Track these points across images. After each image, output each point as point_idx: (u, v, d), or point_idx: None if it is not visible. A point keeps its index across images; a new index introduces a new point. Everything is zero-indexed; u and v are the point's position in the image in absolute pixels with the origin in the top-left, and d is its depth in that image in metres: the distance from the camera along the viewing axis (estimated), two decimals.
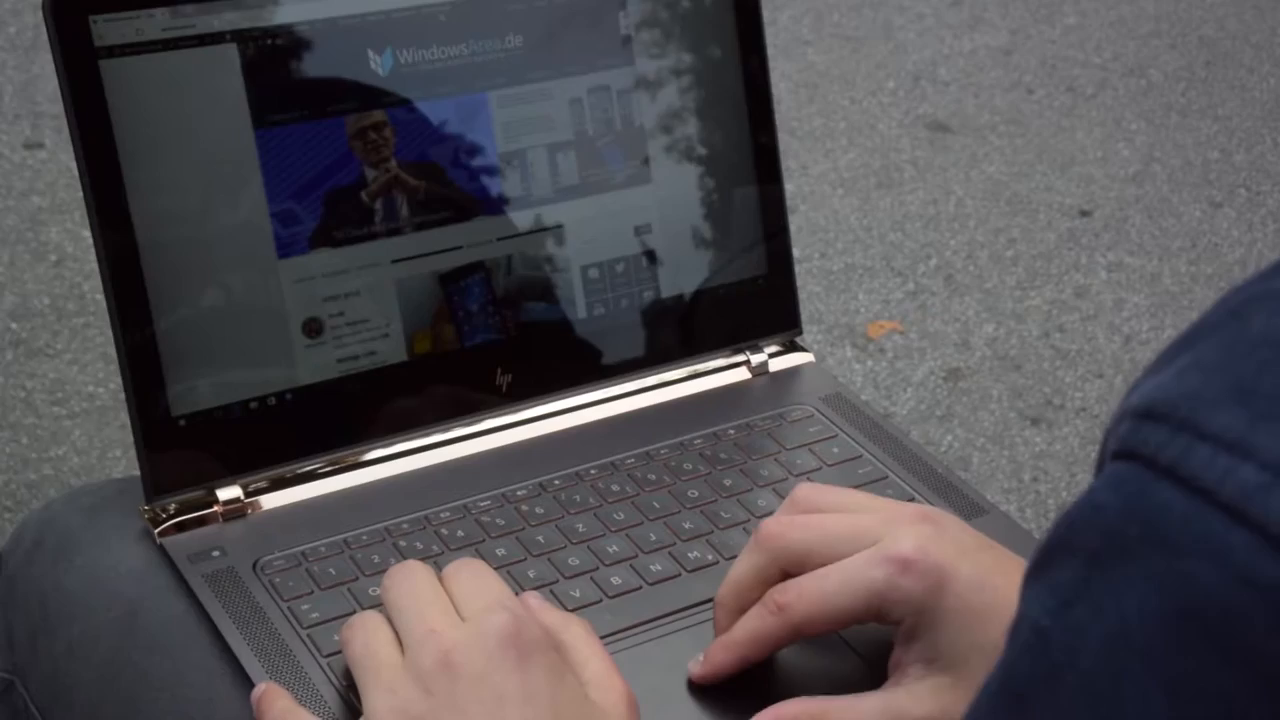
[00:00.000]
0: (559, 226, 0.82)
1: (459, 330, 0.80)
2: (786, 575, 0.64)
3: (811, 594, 0.62)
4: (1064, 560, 0.34)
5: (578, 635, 0.61)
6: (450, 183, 0.79)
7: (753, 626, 0.63)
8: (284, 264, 0.75)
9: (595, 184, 0.83)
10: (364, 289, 0.77)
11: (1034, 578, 0.35)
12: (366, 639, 0.59)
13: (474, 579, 0.61)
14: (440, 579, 0.62)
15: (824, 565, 0.62)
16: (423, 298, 0.79)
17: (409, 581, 0.61)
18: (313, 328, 0.76)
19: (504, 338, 0.81)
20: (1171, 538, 0.31)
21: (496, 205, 0.80)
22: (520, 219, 0.81)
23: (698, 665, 0.65)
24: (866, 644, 0.67)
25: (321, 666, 0.65)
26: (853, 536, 0.62)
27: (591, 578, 0.72)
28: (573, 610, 0.69)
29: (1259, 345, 0.32)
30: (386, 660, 0.58)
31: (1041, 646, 0.34)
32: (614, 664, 0.60)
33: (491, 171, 0.80)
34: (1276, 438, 0.31)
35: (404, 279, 0.78)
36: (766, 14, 0.87)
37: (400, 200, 0.78)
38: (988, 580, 0.60)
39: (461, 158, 0.79)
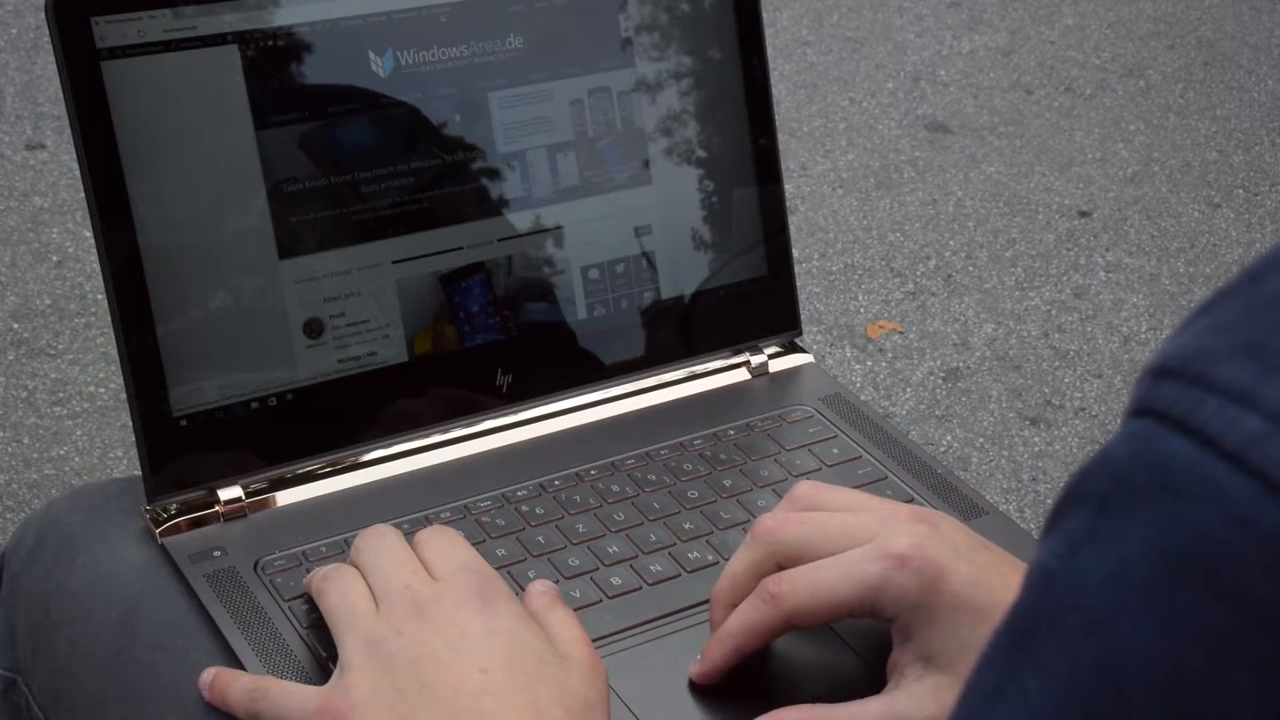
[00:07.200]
0: (559, 227, 0.82)
1: (459, 331, 0.80)
2: (781, 570, 0.64)
3: (805, 585, 0.62)
4: (1074, 509, 0.35)
5: (558, 617, 0.63)
6: (451, 183, 0.79)
7: (745, 616, 0.64)
8: (285, 264, 0.76)
9: (595, 185, 0.83)
10: (365, 290, 0.77)
11: (1048, 529, 0.36)
12: (343, 590, 0.62)
13: (446, 545, 0.64)
14: (412, 544, 0.65)
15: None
16: (423, 298, 0.79)
17: (383, 543, 0.64)
18: (314, 328, 0.77)
19: (504, 338, 0.81)
20: (1176, 484, 0.32)
21: (497, 206, 0.81)
22: (521, 220, 0.81)
23: (697, 665, 0.66)
24: (866, 644, 0.67)
25: (323, 665, 0.66)
26: (849, 534, 0.63)
27: (591, 578, 0.72)
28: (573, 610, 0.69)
29: (1273, 304, 0.33)
30: (363, 610, 0.61)
31: (1047, 587, 0.35)
32: (589, 640, 0.62)
33: (492, 172, 0.80)
34: None
35: (405, 280, 0.78)
36: (766, 15, 0.88)
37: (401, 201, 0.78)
38: (984, 579, 0.61)
39: (462, 159, 0.80)
